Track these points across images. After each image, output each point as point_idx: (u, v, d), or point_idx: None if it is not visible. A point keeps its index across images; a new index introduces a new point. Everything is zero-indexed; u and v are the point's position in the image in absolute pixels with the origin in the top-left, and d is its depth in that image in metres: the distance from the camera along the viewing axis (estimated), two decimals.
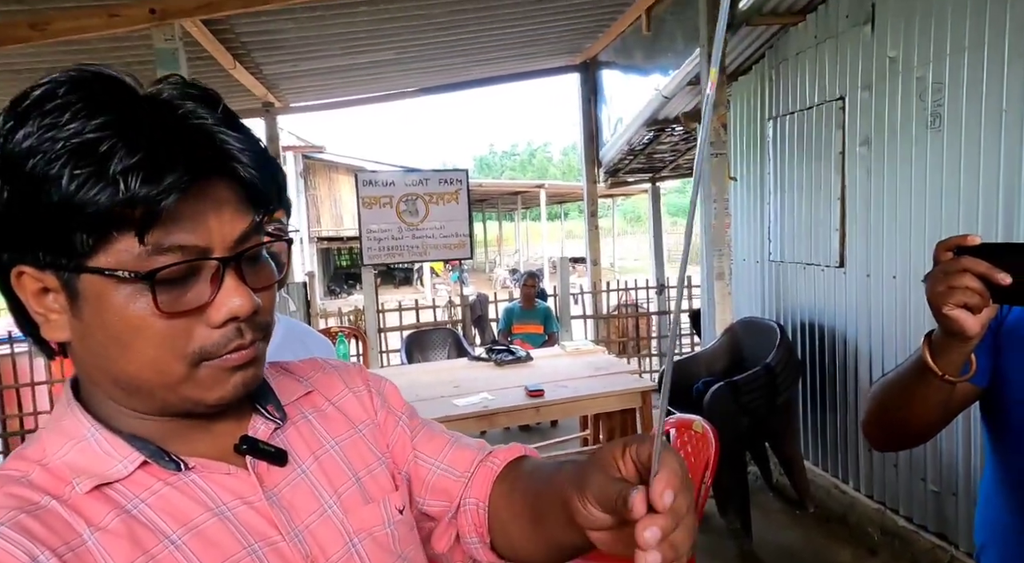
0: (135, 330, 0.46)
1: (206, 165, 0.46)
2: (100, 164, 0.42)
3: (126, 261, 0.45)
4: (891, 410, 0.91)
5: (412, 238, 5.14)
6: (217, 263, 0.47)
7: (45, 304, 0.48)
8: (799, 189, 3.35)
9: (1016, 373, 0.86)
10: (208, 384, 0.49)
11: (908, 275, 2.65)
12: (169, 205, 0.43)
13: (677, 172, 6.11)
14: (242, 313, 0.48)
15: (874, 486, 2.96)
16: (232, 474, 0.53)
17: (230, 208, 0.48)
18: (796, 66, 3.30)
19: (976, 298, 0.70)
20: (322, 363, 0.71)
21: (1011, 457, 0.90)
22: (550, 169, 45.84)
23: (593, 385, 3.22)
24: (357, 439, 0.65)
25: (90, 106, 0.44)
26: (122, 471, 0.50)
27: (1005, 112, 2.16)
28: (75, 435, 0.51)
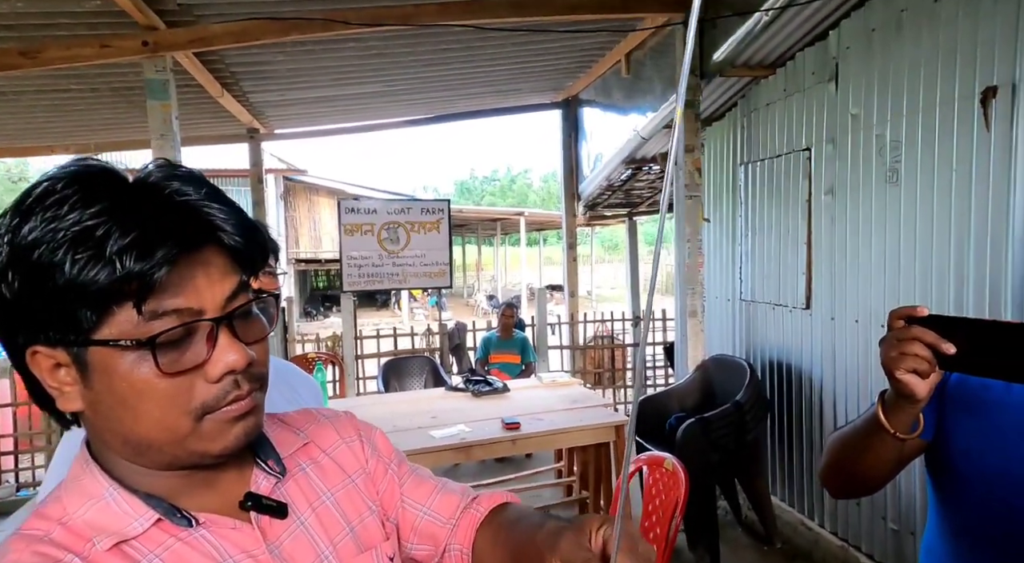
0: (141, 393, 0.51)
1: (194, 237, 0.51)
2: (98, 247, 0.47)
3: (127, 330, 0.50)
4: (846, 462, 0.98)
5: (392, 265, 5.19)
6: (210, 323, 0.52)
7: (58, 378, 0.53)
8: (768, 232, 3.49)
9: (957, 429, 0.94)
10: (212, 436, 0.54)
11: (869, 319, 2.78)
12: (161, 277, 0.48)
13: (653, 208, 6.27)
14: (237, 367, 0.53)
15: (838, 523, 3.04)
16: (237, 528, 0.58)
17: (218, 271, 0.53)
18: (766, 116, 3.47)
19: (925, 365, 0.78)
20: (315, 414, 0.75)
21: (953, 507, 0.97)
22: (530, 195, 46.25)
23: (568, 418, 3.27)
24: (351, 489, 0.69)
25: (86, 197, 0.49)
26: (138, 528, 0.54)
27: (955, 171, 2.31)
28: (94, 494, 0.55)
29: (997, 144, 2.15)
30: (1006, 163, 2.13)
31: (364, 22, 2.94)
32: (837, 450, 1.01)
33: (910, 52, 2.49)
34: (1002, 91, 2.13)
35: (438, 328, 5.67)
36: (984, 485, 0.91)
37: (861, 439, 0.93)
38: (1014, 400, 0.89)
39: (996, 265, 2.19)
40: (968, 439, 0.93)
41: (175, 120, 2.94)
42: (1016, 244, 2.12)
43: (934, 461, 0.99)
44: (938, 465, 0.98)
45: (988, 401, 0.92)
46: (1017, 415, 0.88)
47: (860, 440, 0.94)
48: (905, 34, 2.51)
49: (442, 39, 3.70)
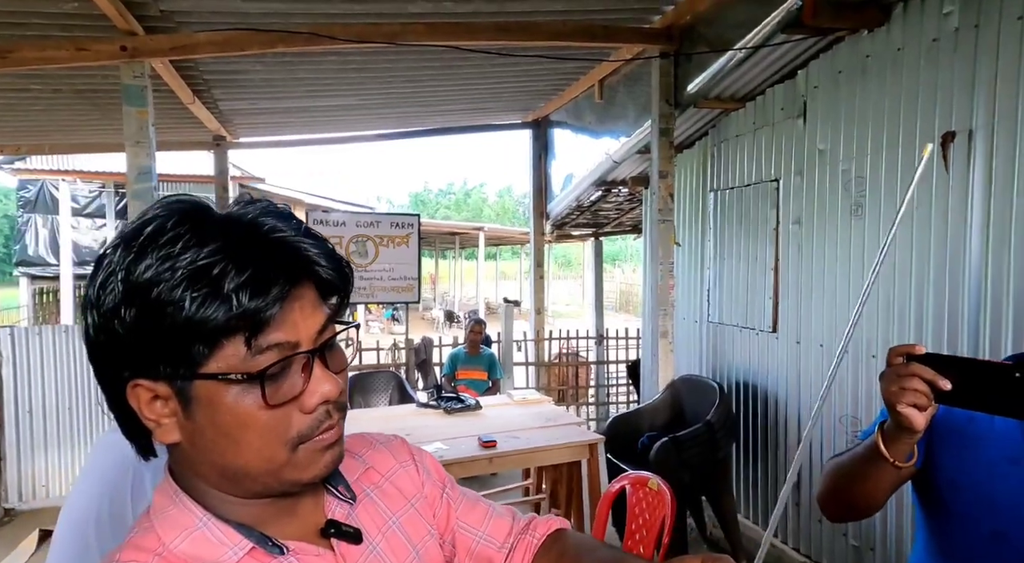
0: (244, 425, 0.52)
1: (298, 273, 0.53)
2: (215, 285, 0.49)
3: (235, 364, 0.51)
4: (846, 489, 1.05)
5: (360, 279, 5.12)
6: (306, 355, 0.54)
7: (156, 411, 0.53)
8: (736, 258, 3.64)
9: (944, 458, 1.02)
10: (304, 465, 0.55)
11: (833, 344, 2.93)
12: (275, 313, 0.50)
13: (620, 229, 6.42)
14: (332, 397, 0.55)
15: (800, 540, 3.17)
16: (321, 556, 0.59)
17: (310, 305, 0.55)
18: (736, 147, 3.63)
19: (923, 399, 0.85)
20: (371, 439, 0.76)
21: (939, 532, 1.04)
22: (485, 210, 46.36)
23: (543, 436, 3.30)
24: (413, 513, 0.71)
25: (199, 235, 0.51)
26: (232, 558, 0.55)
27: (916, 210, 2.48)
28: (188, 525, 0.56)
29: (955, 185, 2.33)
30: (963, 204, 2.30)
31: (351, 38, 2.94)
32: (836, 478, 1.07)
33: (874, 94, 2.67)
34: (960, 137, 2.31)
35: (404, 343, 5.62)
36: (968, 512, 0.98)
37: (860, 467, 1.00)
38: (997, 432, 0.97)
39: (953, 297, 2.36)
40: (953, 467, 1.00)
41: (151, 127, 2.85)
42: (972, 279, 2.29)
43: (922, 487, 1.06)
44: (926, 491, 1.05)
45: (973, 433, 0.99)
46: (1000, 446, 0.96)
47: (859, 468, 1.00)
48: (870, 77, 2.69)
49: (423, 57, 3.72)
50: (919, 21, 2.46)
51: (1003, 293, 2.18)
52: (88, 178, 9.04)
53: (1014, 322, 2.14)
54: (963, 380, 0.83)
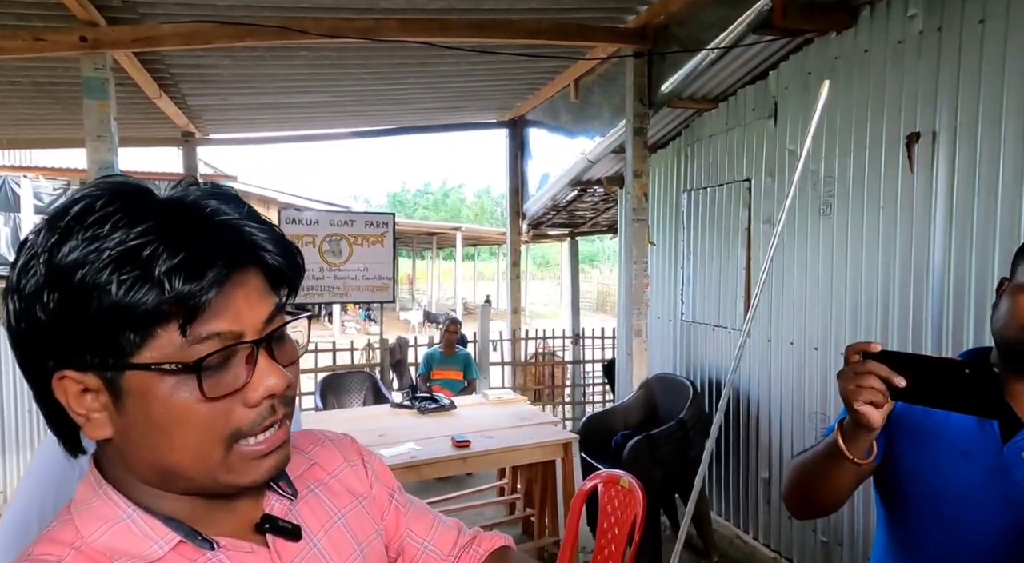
0: (179, 419, 0.49)
1: (240, 258, 0.50)
2: (145, 268, 0.46)
3: (170, 354, 0.48)
4: (808, 486, 1.06)
5: (334, 278, 5.05)
6: (250, 346, 0.51)
7: (86, 404, 0.50)
8: (709, 257, 3.66)
9: (902, 453, 1.04)
10: (242, 469, 0.52)
11: (804, 342, 2.97)
12: (211, 299, 0.47)
13: (596, 228, 6.44)
14: (278, 390, 0.52)
15: (771, 536, 3.20)
16: (254, 552, 0.57)
17: (256, 293, 0.52)
18: (709, 147, 3.66)
19: (879, 396, 0.86)
20: (319, 436, 0.74)
21: (899, 523, 1.06)
22: (463, 210, 46.23)
23: (518, 436, 3.29)
24: (360, 511, 0.69)
25: (129, 215, 0.47)
26: (158, 552, 0.52)
27: (882, 208, 2.52)
28: (110, 517, 0.52)
29: (920, 185, 2.37)
30: (927, 203, 2.35)
31: (323, 33, 2.89)
32: (798, 476, 1.08)
33: (843, 96, 2.70)
34: (924, 138, 2.35)
35: (379, 343, 5.56)
36: (926, 503, 1.01)
37: (821, 465, 1.01)
38: (952, 427, 0.99)
39: (918, 295, 2.40)
40: (911, 462, 1.02)
41: (113, 121, 2.77)
42: (935, 277, 2.33)
43: (882, 482, 1.08)
44: (886, 485, 1.07)
45: (930, 426, 1.01)
46: (955, 438, 0.98)
47: (820, 466, 1.01)
48: (838, 80, 2.73)
49: (398, 53, 3.68)
50: (885, 24, 2.51)
51: (965, 290, 2.22)
52: (51, 175, 8.79)
53: (975, 319, 2.19)
54: (918, 377, 0.84)
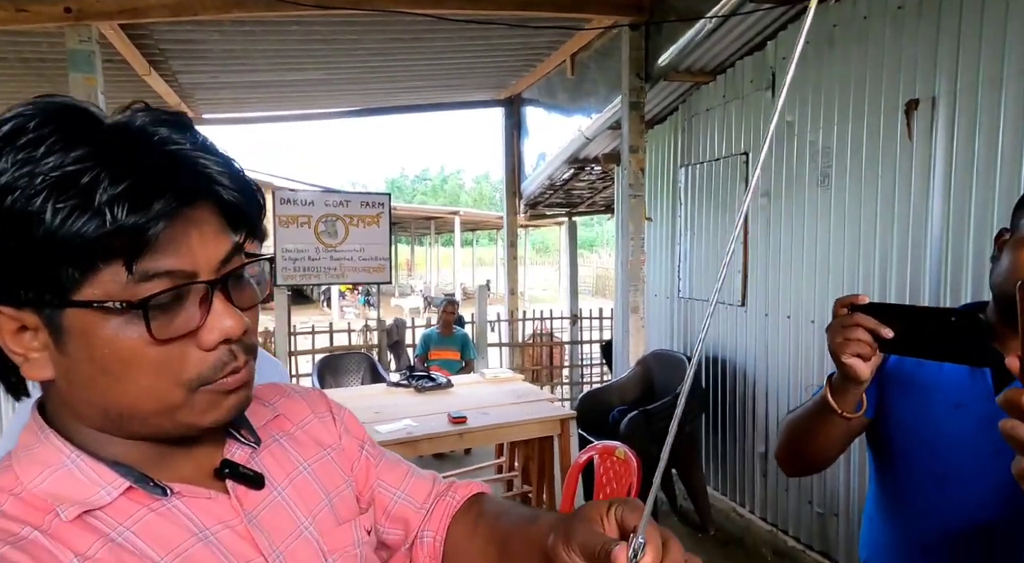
0: (127, 361, 0.46)
1: (190, 190, 0.46)
2: (84, 196, 0.42)
3: (113, 291, 0.44)
4: (799, 442, 1.05)
5: (330, 259, 5.03)
6: (205, 286, 0.48)
7: (24, 343, 0.47)
8: (706, 232, 3.64)
9: (894, 406, 1.03)
10: (203, 408, 0.50)
11: (800, 315, 2.95)
12: (158, 232, 0.44)
13: (593, 208, 6.41)
14: (234, 334, 0.49)
15: (767, 509, 3.21)
16: (213, 499, 0.54)
17: (211, 231, 0.49)
18: (706, 121, 3.62)
19: (867, 348, 0.85)
20: (285, 388, 0.72)
21: (890, 476, 1.06)
22: (462, 196, 46.10)
23: (514, 412, 3.28)
24: (327, 461, 0.66)
25: (66, 138, 0.43)
26: (105, 497, 0.49)
27: (880, 178, 2.50)
28: (52, 462, 0.49)
29: (918, 153, 2.34)
30: (926, 171, 2.32)
31: (313, 3, 2.84)
32: (790, 432, 1.08)
33: (841, 64, 2.66)
34: (923, 104, 2.32)
35: (376, 324, 5.56)
36: (918, 455, 1.00)
37: (811, 420, 1.00)
38: (946, 376, 0.98)
39: (916, 266, 2.38)
40: (904, 415, 1.02)
41: (101, 95, 2.73)
42: (933, 247, 2.31)
43: (874, 436, 1.07)
44: (878, 440, 1.07)
45: (922, 378, 1.00)
46: (947, 389, 0.97)
47: (811, 421, 1.01)
48: (837, 48, 2.69)
49: (390, 28, 3.62)
50: None
51: (963, 261, 2.20)
52: None
53: (972, 289, 2.17)
54: (905, 328, 0.83)
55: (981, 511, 0.93)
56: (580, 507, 0.58)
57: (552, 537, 0.55)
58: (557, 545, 0.53)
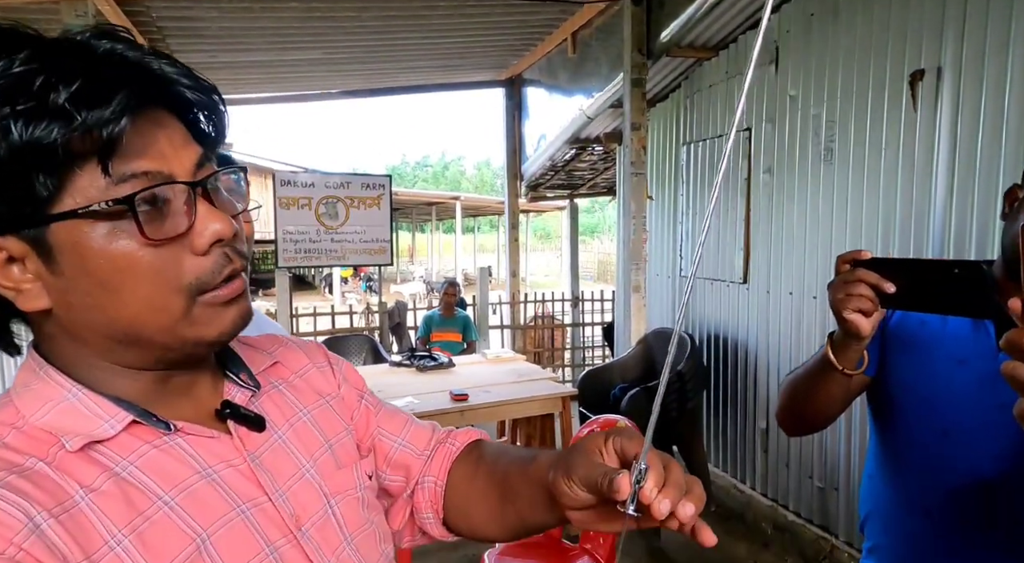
0: (124, 270, 0.45)
1: (149, 90, 0.45)
2: (40, 98, 0.41)
3: (95, 196, 0.43)
4: (800, 400, 1.05)
5: (331, 242, 5.02)
6: (186, 188, 0.47)
7: (13, 277, 0.46)
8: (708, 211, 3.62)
9: (897, 364, 1.02)
10: (206, 321, 0.49)
11: (802, 292, 2.94)
12: (125, 127, 0.42)
13: (594, 190, 6.38)
14: (225, 235, 0.48)
15: (768, 485, 3.23)
16: (215, 438, 0.54)
17: (180, 137, 0.48)
18: (709, 97, 3.59)
19: (868, 304, 0.84)
20: (283, 339, 0.72)
21: (890, 434, 1.05)
22: (463, 183, 45.97)
23: (516, 390, 3.29)
24: (327, 409, 0.66)
25: (6, 48, 0.42)
26: (109, 431, 0.48)
27: (884, 150, 2.48)
28: (53, 397, 0.49)
29: (923, 125, 2.32)
30: (930, 142, 2.30)
31: None
32: (791, 390, 1.08)
33: (845, 37, 2.63)
34: (928, 75, 2.29)
35: (378, 307, 5.56)
36: (917, 411, 1.00)
37: (812, 378, 1.00)
38: (949, 333, 0.97)
39: (919, 239, 2.37)
40: (905, 372, 1.01)
41: None
42: (937, 220, 2.30)
43: (875, 395, 1.07)
44: (879, 398, 1.06)
45: (925, 336, 1.00)
46: (950, 346, 0.97)
47: (811, 379, 1.00)
48: (841, 19, 2.66)
49: (390, 4, 3.59)
50: None
51: (966, 234, 2.19)
52: None
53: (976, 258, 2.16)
54: (907, 282, 0.82)
55: (982, 467, 0.93)
56: (576, 441, 0.57)
57: (552, 472, 0.55)
58: (558, 479, 0.54)
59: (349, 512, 0.60)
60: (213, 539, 0.49)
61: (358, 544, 0.60)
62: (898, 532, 1.05)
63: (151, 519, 0.47)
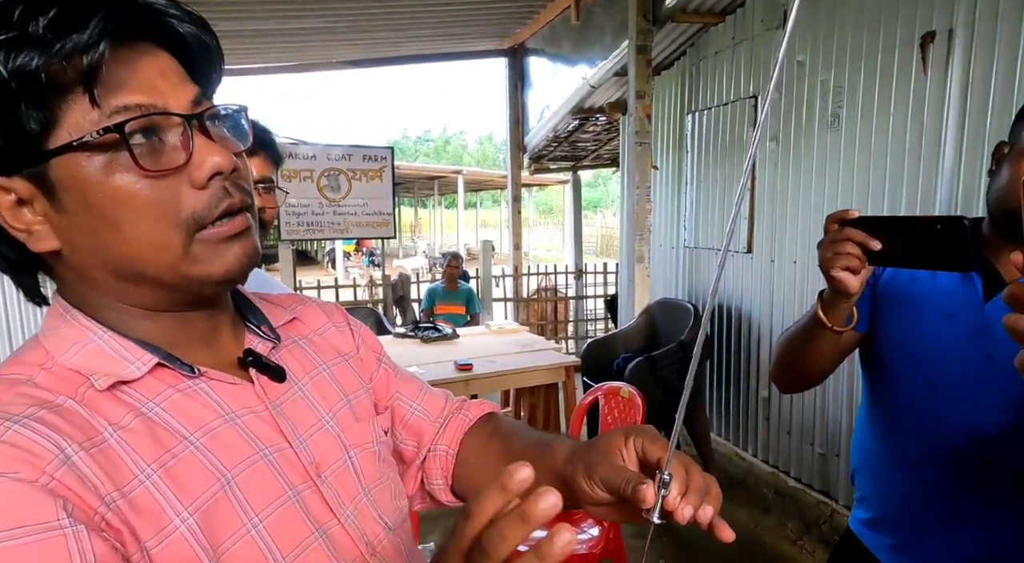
0: (122, 203, 0.45)
1: (133, 16, 0.45)
2: (20, 28, 0.41)
3: (87, 129, 0.44)
4: (792, 358, 1.07)
5: (333, 214, 5.01)
6: (182, 121, 0.47)
7: (24, 219, 0.46)
8: (713, 180, 3.60)
9: (886, 320, 1.04)
10: (207, 258, 0.49)
11: (807, 260, 2.94)
12: (104, 52, 0.42)
13: (598, 162, 6.33)
14: (223, 167, 0.48)
15: (769, 452, 3.26)
16: (238, 385, 0.54)
17: (175, 74, 0.48)
18: (715, 64, 3.53)
19: (855, 261, 0.85)
20: (303, 297, 0.72)
21: (880, 388, 1.07)
22: (465, 157, 45.62)
23: (519, 360, 3.31)
24: (345, 366, 0.67)
25: None
26: (135, 372, 0.49)
27: (893, 115, 2.44)
28: (80, 339, 0.49)
29: (933, 87, 2.28)
30: (940, 106, 2.27)
31: None
32: (784, 349, 1.09)
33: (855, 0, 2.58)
34: (939, 37, 2.25)
35: (381, 280, 5.57)
36: (904, 365, 1.01)
37: (803, 336, 1.01)
38: (938, 288, 0.98)
39: (926, 205, 2.35)
40: (894, 328, 1.02)
41: None
42: (944, 186, 2.28)
43: (867, 352, 1.08)
44: (869, 354, 1.08)
45: (914, 292, 1.01)
46: (939, 301, 0.98)
47: (803, 337, 1.02)
48: None
49: None
50: None
51: (973, 198, 2.17)
52: None
53: None
54: (893, 238, 0.83)
55: (970, 421, 0.94)
56: (596, 437, 0.58)
57: (571, 468, 0.56)
58: (578, 476, 0.54)
59: (367, 464, 0.61)
60: (237, 480, 0.50)
61: (375, 496, 0.61)
62: (886, 484, 1.07)
63: (178, 457, 0.48)
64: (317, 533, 0.53)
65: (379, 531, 0.59)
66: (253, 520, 0.49)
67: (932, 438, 0.98)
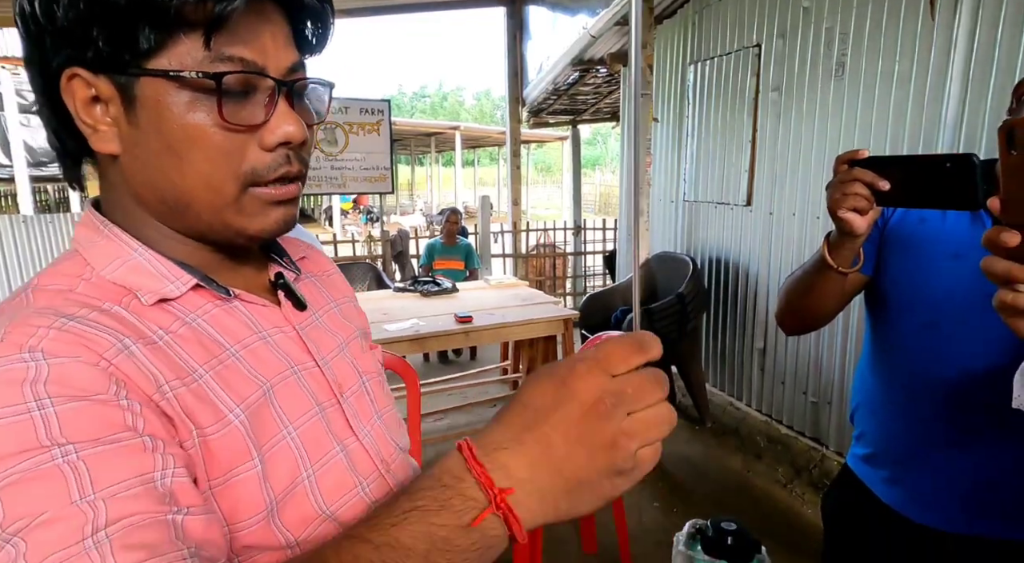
0: (193, 140, 0.47)
1: None
2: None
3: (188, 65, 0.45)
4: (797, 299, 1.08)
5: (331, 169, 4.97)
6: (273, 84, 0.49)
7: (94, 115, 0.48)
8: (714, 132, 3.56)
9: (894, 262, 1.05)
10: (252, 212, 0.51)
11: (806, 212, 2.94)
12: (238, 7, 0.45)
13: (598, 115, 6.24)
14: (295, 138, 0.50)
15: (763, 402, 3.34)
16: (268, 308, 0.57)
17: (282, 37, 0.50)
18: (718, 12, 3.45)
19: (863, 202, 0.86)
20: (308, 244, 0.75)
21: (883, 328, 1.09)
22: (462, 113, 44.83)
23: (519, 313, 3.35)
24: (351, 306, 0.72)
25: None
26: (175, 291, 0.51)
27: (898, 61, 2.41)
28: (121, 254, 0.51)
29: (940, 32, 2.25)
30: (946, 51, 2.23)
31: None
32: (789, 291, 1.11)
33: None
34: None
35: (380, 235, 5.57)
36: (910, 304, 1.03)
37: (809, 277, 1.03)
38: (947, 229, 0.99)
39: (928, 151, 2.34)
40: (900, 270, 1.04)
41: None
42: (946, 134, 2.26)
43: (872, 294, 1.10)
44: (874, 296, 1.10)
45: (923, 233, 1.01)
46: (946, 242, 0.98)
47: (809, 278, 1.03)
48: None
49: None
50: None
51: (975, 144, 2.16)
52: None
53: None
54: (902, 179, 0.83)
55: (971, 358, 0.96)
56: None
57: None
58: None
59: (377, 391, 0.65)
60: (275, 390, 0.53)
61: (386, 421, 0.64)
62: (884, 420, 1.10)
63: (224, 363, 0.50)
64: (339, 447, 0.56)
65: (392, 450, 0.63)
66: (288, 428, 0.52)
67: (930, 374, 1.00)
